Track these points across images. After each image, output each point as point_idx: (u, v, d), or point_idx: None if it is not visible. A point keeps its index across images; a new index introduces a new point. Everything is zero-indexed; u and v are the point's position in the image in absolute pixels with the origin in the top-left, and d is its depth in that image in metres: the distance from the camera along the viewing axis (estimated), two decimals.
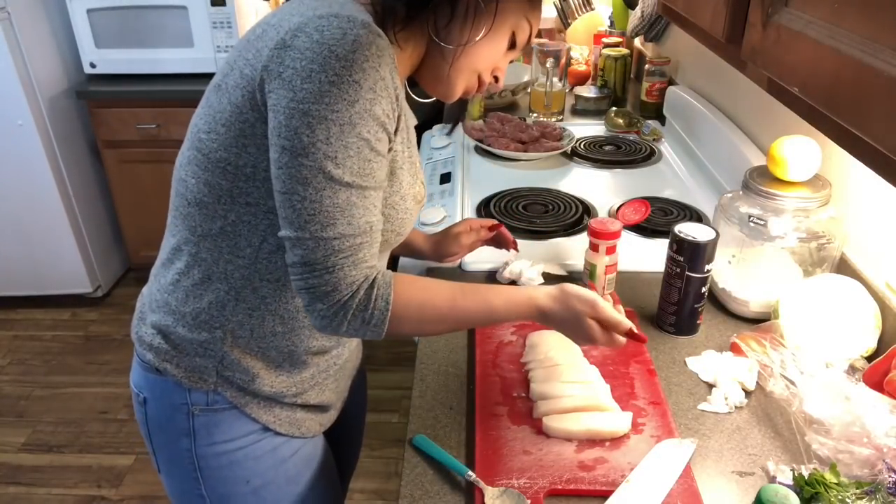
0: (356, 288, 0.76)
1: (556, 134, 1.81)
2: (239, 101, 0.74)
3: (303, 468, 0.98)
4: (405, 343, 2.61)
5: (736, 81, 1.59)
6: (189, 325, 0.85)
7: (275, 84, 0.70)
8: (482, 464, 0.83)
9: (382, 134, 0.73)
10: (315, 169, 0.70)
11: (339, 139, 0.70)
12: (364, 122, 0.70)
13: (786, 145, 1.04)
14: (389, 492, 2.04)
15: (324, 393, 0.98)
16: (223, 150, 0.76)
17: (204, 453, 0.90)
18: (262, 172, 0.76)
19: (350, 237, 0.74)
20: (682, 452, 0.84)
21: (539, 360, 0.99)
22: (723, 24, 0.79)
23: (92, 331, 2.78)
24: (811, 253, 1.06)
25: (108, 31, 2.57)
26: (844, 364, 0.97)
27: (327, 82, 0.68)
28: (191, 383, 0.87)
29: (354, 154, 0.71)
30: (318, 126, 0.69)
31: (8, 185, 2.59)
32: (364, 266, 0.76)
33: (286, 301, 0.85)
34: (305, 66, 0.68)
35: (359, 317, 0.76)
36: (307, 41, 0.69)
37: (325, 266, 0.74)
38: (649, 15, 2.16)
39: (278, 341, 0.87)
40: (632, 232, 1.36)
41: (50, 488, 2.07)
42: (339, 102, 0.68)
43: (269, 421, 0.91)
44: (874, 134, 0.50)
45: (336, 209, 0.72)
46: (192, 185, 0.80)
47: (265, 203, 0.78)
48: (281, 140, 0.70)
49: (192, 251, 0.83)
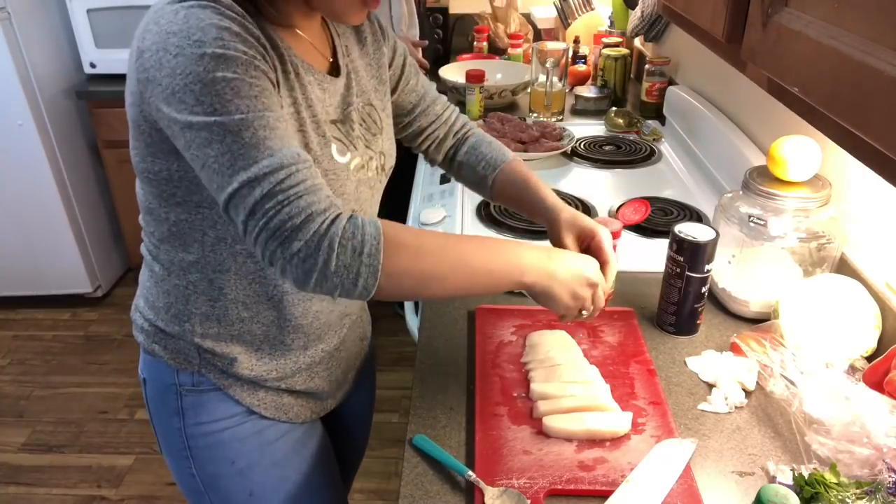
0: (331, 216, 0.70)
1: (556, 134, 1.81)
2: (135, 116, 0.77)
3: (290, 452, 0.99)
4: (405, 343, 2.61)
5: (736, 81, 1.59)
6: (164, 319, 0.90)
7: (148, 88, 0.72)
8: (482, 464, 0.83)
9: (253, 71, 0.71)
10: (205, 127, 0.68)
11: (209, 92, 0.68)
12: (222, 64, 0.68)
13: (786, 145, 1.04)
14: (389, 492, 2.04)
15: (313, 380, 0.99)
16: (141, 160, 0.81)
17: (192, 433, 0.94)
18: (176, 173, 0.79)
19: (285, 168, 0.69)
20: (682, 452, 0.84)
21: (539, 360, 0.99)
22: (723, 24, 0.79)
23: (92, 331, 2.78)
24: (811, 253, 1.06)
25: (108, 31, 2.57)
26: (844, 364, 0.96)
27: (173, 57, 0.69)
28: (177, 364, 0.91)
29: (231, 94, 0.68)
30: (186, 95, 0.68)
31: (8, 185, 2.59)
32: (325, 195, 0.71)
33: (243, 288, 0.86)
34: (154, 57, 0.70)
35: (348, 246, 0.69)
36: (151, 38, 0.71)
37: (278, 201, 0.68)
38: (649, 15, 2.16)
39: (248, 326, 0.89)
40: (632, 232, 1.36)
41: (50, 488, 2.07)
42: (190, 65, 0.68)
43: (252, 403, 0.94)
44: (874, 134, 0.50)
45: (250, 147, 0.68)
46: (141, 197, 0.86)
47: (191, 199, 0.80)
48: (171, 128, 0.71)
49: (154, 252, 0.89)
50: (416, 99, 1.07)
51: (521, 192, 1.02)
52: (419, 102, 1.08)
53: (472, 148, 1.10)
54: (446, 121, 1.10)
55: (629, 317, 1.11)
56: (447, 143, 1.11)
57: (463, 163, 1.10)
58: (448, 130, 1.11)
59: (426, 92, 1.08)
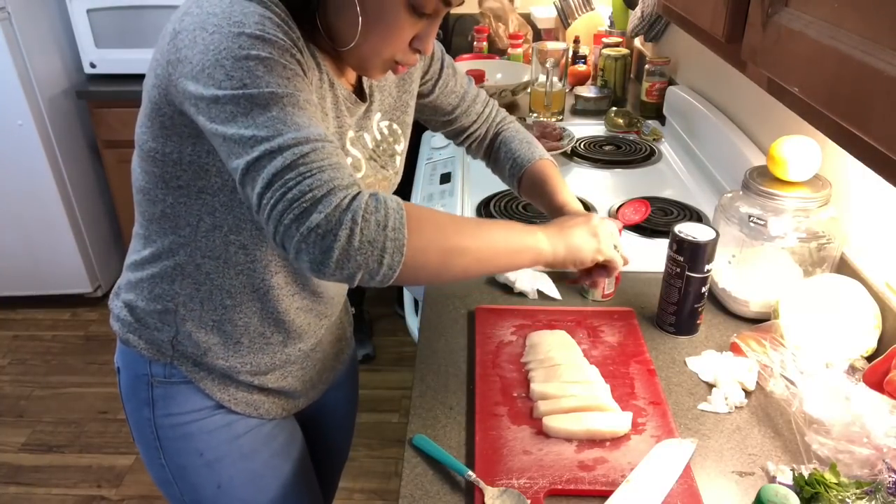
0: (354, 192, 0.66)
1: (556, 134, 1.81)
2: (156, 98, 0.76)
3: (259, 446, 0.99)
4: (405, 343, 2.61)
5: (736, 81, 1.59)
6: (146, 298, 0.90)
7: (178, 68, 0.71)
8: (482, 464, 0.83)
9: (289, 57, 0.69)
10: (232, 100, 0.66)
11: (241, 67, 0.66)
12: (259, 44, 0.67)
13: (786, 145, 1.04)
14: (389, 492, 2.04)
15: (286, 378, 0.99)
16: (152, 140, 0.80)
17: (161, 423, 0.94)
18: (187, 157, 0.78)
19: (311, 142, 0.65)
20: (682, 452, 0.84)
21: (539, 360, 0.99)
22: (723, 24, 0.79)
23: (92, 331, 2.78)
24: (811, 253, 1.06)
25: (108, 31, 2.57)
26: (844, 364, 0.96)
27: (209, 34, 0.67)
28: (150, 355, 0.91)
29: (264, 71, 0.66)
30: (216, 71, 0.66)
31: (8, 185, 2.59)
32: (349, 173, 0.67)
33: (230, 277, 0.86)
34: (190, 36, 0.69)
35: (371, 220, 0.65)
36: (190, 20, 0.70)
37: (299, 172, 0.64)
38: (649, 15, 2.16)
39: (230, 314, 0.89)
40: (632, 232, 1.36)
41: (50, 488, 2.07)
42: (225, 41, 0.66)
43: (223, 399, 0.94)
44: (874, 134, 0.50)
45: (276, 121, 0.65)
46: (137, 175, 0.85)
47: (195, 184, 0.80)
48: (197, 105, 0.69)
49: (144, 234, 0.88)
50: (455, 100, 1.08)
51: (540, 194, 1.06)
52: (459, 103, 1.09)
53: (503, 144, 1.11)
54: (487, 118, 1.12)
55: (629, 317, 1.11)
56: (487, 141, 1.13)
57: (496, 160, 1.12)
58: (489, 128, 1.12)
59: (466, 92, 1.09)
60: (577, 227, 0.87)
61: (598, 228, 0.90)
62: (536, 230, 0.83)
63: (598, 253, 0.89)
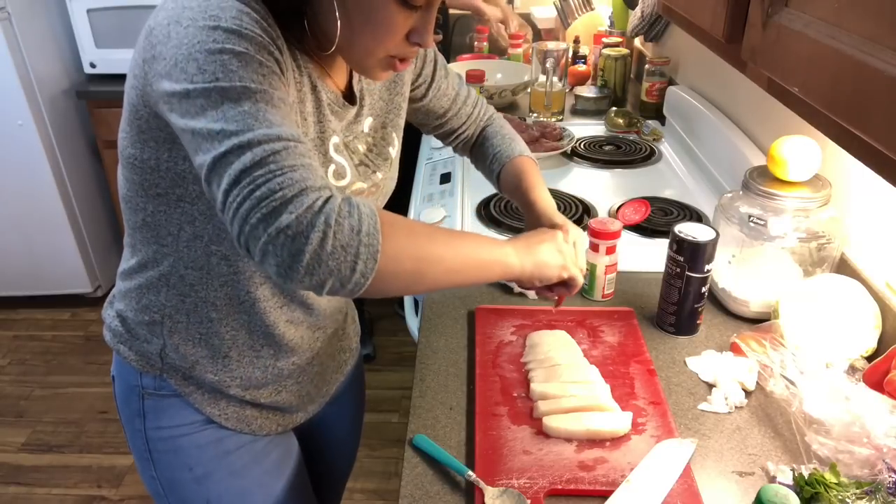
0: (326, 194, 0.62)
1: (556, 134, 1.81)
2: (134, 100, 0.74)
3: (250, 463, 0.97)
4: (405, 343, 2.61)
5: (736, 81, 1.59)
6: (135, 309, 0.88)
7: (153, 67, 0.68)
8: (482, 464, 0.83)
9: (266, 54, 0.66)
10: (203, 94, 0.63)
11: (214, 61, 0.63)
12: (235, 38, 0.64)
13: (786, 145, 1.04)
14: (389, 492, 2.04)
15: (280, 394, 0.96)
16: (130, 146, 0.78)
17: (152, 436, 0.93)
18: (164, 164, 0.76)
19: (283, 140, 0.62)
20: (682, 452, 0.84)
21: (539, 360, 0.99)
22: (723, 24, 0.79)
23: (92, 331, 2.78)
24: (811, 253, 1.06)
25: (108, 31, 2.57)
26: (844, 364, 0.97)
27: (183, 28, 0.65)
28: (140, 367, 0.90)
29: (238, 65, 0.63)
30: (189, 65, 0.63)
31: (8, 185, 2.59)
32: (321, 175, 0.64)
33: (214, 289, 0.84)
34: (164, 31, 0.66)
35: (344, 224, 0.61)
36: (165, 14, 0.67)
37: (269, 169, 0.60)
38: (649, 15, 2.16)
39: (217, 328, 0.86)
40: (632, 232, 1.36)
41: (50, 488, 2.07)
42: (199, 35, 0.64)
43: (213, 414, 0.92)
44: (874, 134, 0.50)
45: (247, 116, 0.62)
46: (120, 182, 0.83)
47: (174, 192, 0.77)
48: (169, 103, 0.66)
49: (131, 242, 0.87)
50: (447, 103, 1.08)
51: (514, 191, 1.04)
52: (451, 106, 1.08)
53: (485, 140, 1.10)
54: (476, 119, 1.11)
55: (629, 317, 1.11)
56: (473, 139, 1.13)
57: (478, 157, 1.11)
58: (476, 128, 1.12)
59: (457, 94, 1.09)
60: (544, 244, 0.86)
61: (562, 245, 0.88)
62: (505, 244, 0.82)
63: (564, 269, 0.87)
